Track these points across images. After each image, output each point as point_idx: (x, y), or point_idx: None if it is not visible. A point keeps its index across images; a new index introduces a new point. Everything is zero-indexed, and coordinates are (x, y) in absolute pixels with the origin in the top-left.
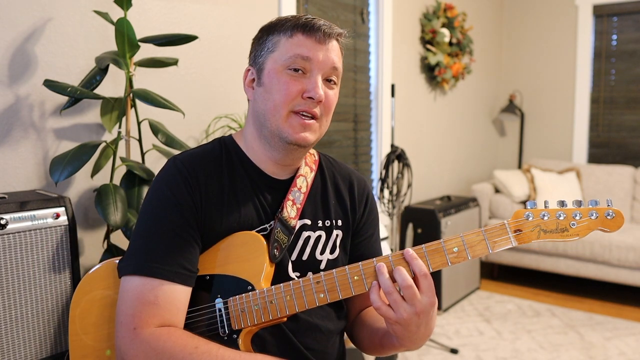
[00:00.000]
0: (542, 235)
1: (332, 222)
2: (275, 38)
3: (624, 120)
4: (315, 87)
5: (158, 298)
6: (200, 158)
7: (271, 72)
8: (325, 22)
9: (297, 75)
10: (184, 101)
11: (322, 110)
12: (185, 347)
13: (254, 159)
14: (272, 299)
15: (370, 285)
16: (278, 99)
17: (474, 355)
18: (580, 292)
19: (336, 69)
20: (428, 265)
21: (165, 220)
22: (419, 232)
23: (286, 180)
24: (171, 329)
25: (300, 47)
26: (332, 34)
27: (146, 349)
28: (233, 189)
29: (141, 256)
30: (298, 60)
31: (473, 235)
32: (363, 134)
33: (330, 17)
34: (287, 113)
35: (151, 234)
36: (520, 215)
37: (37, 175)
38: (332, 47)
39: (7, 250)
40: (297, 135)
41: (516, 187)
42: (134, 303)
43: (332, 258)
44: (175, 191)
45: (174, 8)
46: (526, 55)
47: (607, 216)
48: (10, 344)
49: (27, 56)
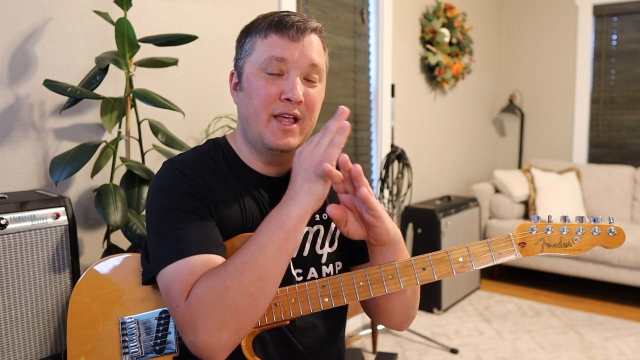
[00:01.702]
0: (545, 249)
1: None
2: (252, 40)
3: (624, 120)
4: (293, 88)
5: (195, 268)
6: (195, 159)
7: (249, 76)
8: (300, 17)
9: (274, 78)
10: (184, 101)
11: (304, 110)
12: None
13: (245, 160)
14: (276, 301)
15: (376, 292)
16: (257, 103)
17: (474, 355)
18: (580, 292)
19: (315, 65)
20: (433, 273)
21: (176, 209)
22: (419, 232)
23: (281, 178)
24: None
25: (274, 48)
26: (307, 29)
27: (192, 311)
28: (229, 189)
29: (165, 249)
30: (273, 62)
31: (478, 246)
32: (363, 134)
33: (330, 17)
34: (267, 117)
35: (167, 226)
36: (525, 228)
37: (37, 175)
38: (308, 44)
39: (7, 250)
40: (279, 141)
41: (516, 187)
42: (172, 286)
43: (332, 251)
44: (178, 185)
45: (174, 8)
46: (526, 55)
47: (609, 233)
48: (10, 344)
49: (27, 56)
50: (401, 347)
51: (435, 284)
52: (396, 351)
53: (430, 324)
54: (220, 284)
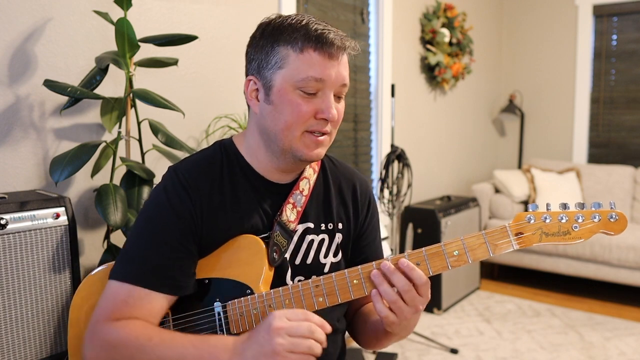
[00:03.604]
0: (544, 239)
1: (334, 225)
2: (283, 51)
3: (624, 120)
4: (329, 108)
5: (130, 298)
6: (200, 166)
7: (281, 92)
8: (336, 33)
9: (309, 97)
10: (184, 101)
11: (332, 124)
12: (139, 337)
13: (255, 166)
14: (270, 302)
15: (369, 289)
16: (291, 120)
17: (474, 355)
18: (580, 292)
19: (346, 85)
20: (428, 269)
21: (162, 233)
22: (419, 232)
23: (288, 184)
24: (129, 321)
25: (314, 68)
26: (345, 48)
27: (101, 340)
28: (235, 196)
29: (132, 266)
30: (311, 83)
31: (473, 239)
32: (363, 134)
33: (331, 17)
34: (300, 134)
35: (146, 244)
36: (521, 218)
37: (37, 175)
38: (343, 62)
39: (7, 250)
40: (311, 152)
41: (516, 187)
42: (107, 303)
43: (336, 261)
44: (175, 202)
45: (174, 8)
46: (526, 55)
47: (610, 219)
48: (10, 344)
49: (27, 56)
50: (401, 347)
51: (435, 283)
52: (396, 351)
53: (430, 324)
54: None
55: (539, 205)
